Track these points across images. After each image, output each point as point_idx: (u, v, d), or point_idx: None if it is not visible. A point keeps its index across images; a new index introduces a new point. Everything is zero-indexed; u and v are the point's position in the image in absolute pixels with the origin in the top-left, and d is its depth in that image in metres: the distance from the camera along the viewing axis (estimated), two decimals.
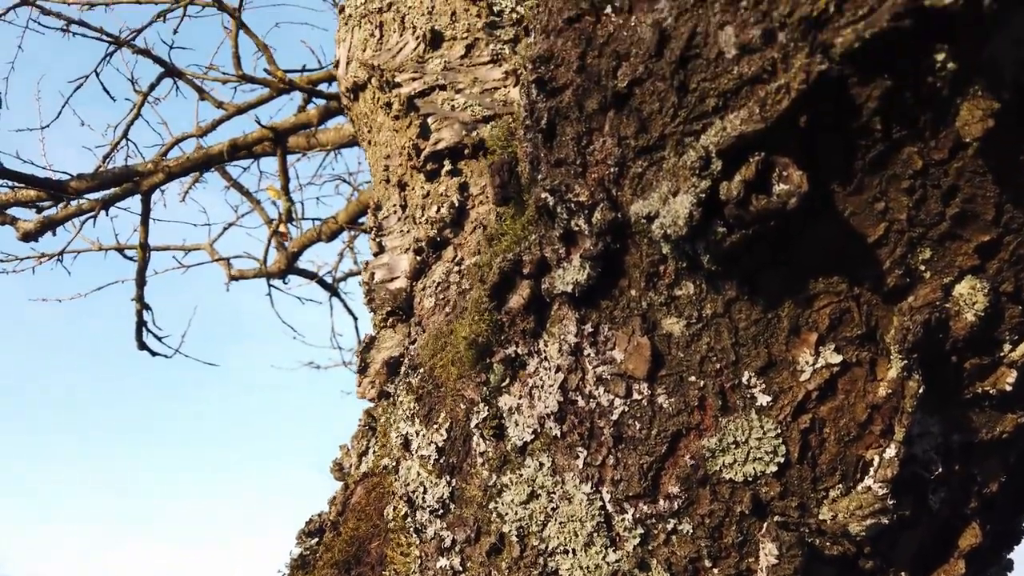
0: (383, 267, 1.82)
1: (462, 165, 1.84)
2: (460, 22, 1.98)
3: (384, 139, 1.97)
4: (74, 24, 4.08)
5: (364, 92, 2.08)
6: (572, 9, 0.72)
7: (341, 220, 4.37)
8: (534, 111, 0.78)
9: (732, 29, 0.63)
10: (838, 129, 0.62)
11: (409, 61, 1.97)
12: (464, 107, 1.89)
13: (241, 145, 3.26)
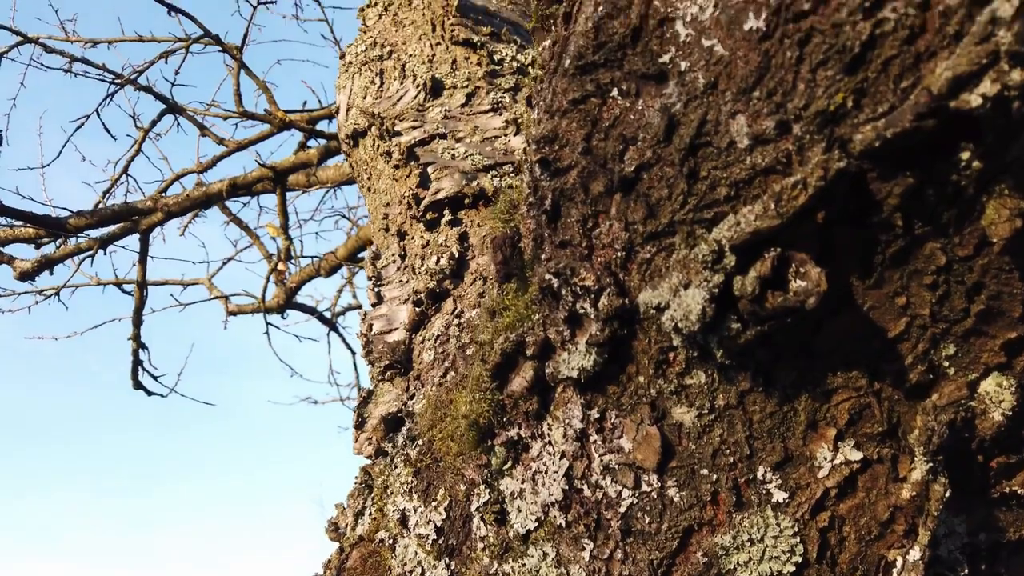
0: (381, 318, 1.79)
1: (462, 215, 1.82)
2: (461, 71, 1.97)
3: (384, 187, 1.95)
4: (77, 62, 4.09)
5: (364, 139, 2.06)
6: (577, 91, 0.70)
7: (340, 256, 4.35)
8: (538, 189, 0.75)
9: (744, 119, 0.60)
10: (857, 223, 0.59)
11: (409, 109, 1.96)
12: (464, 156, 1.87)
13: (241, 184, 3.24)
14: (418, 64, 2.03)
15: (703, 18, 0.62)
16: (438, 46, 2.06)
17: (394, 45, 2.11)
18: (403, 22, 2.13)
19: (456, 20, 2.03)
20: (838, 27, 0.54)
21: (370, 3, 2.18)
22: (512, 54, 2.04)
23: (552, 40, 0.75)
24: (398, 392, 1.69)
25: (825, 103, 0.56)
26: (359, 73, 2.14)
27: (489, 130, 1.91)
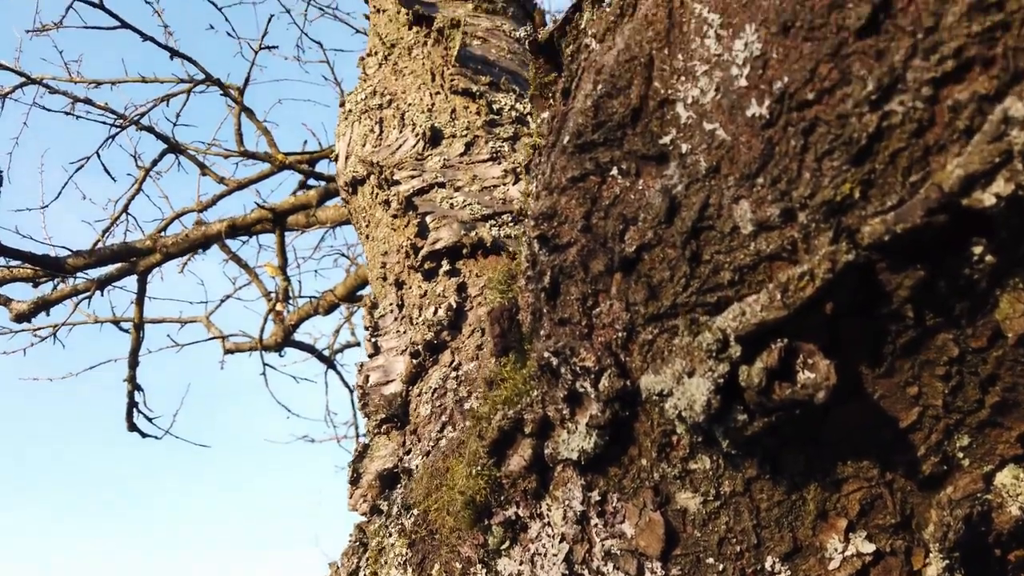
0: (378, 369, 1.76)
1: (460, 265, 1.80)
2: (460, 120, 1.97)
3: (382, 235, 1.94)
4: (80, 102, 4.11)
5: (363, 187, 2.05)
6: (576, 168, 0.68)
7: (339, 294, 4.33)
8: (536, 264, 0.73)
9: (748, 204, 0.58)
10: (866, 312, 0.57)
11: (408, 158, 1.96)
12: (463, 205, 1.86)
13: (240, 226, 3.24)
14: (417, 113, 2.04)
15: (704, 101, 0.61)
16: (437, 95, 2.07)
17: (394, 94, 2.12)
18: (403, 71, 2.13)
19: (456, 70, 2.03)
20: (844, 118, 0.52)
21: (370, 52, 2.19)
22: (511, 103, 2.05)
23: (551, 115, 0.74)
24: (394, 447, 1.66)
25: (831, 193, 0.54)
26: (359, 121, 2.14)
27: (488, 179, 1.90)
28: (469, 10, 2.17)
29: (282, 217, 3.27)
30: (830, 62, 0.53)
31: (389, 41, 2.16)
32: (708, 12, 0.61)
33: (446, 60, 2.07)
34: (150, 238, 3.72)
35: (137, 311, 3.33)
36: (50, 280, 3.94)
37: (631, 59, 0.65)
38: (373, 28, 2.23)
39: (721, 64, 0.59)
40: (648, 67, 0.64)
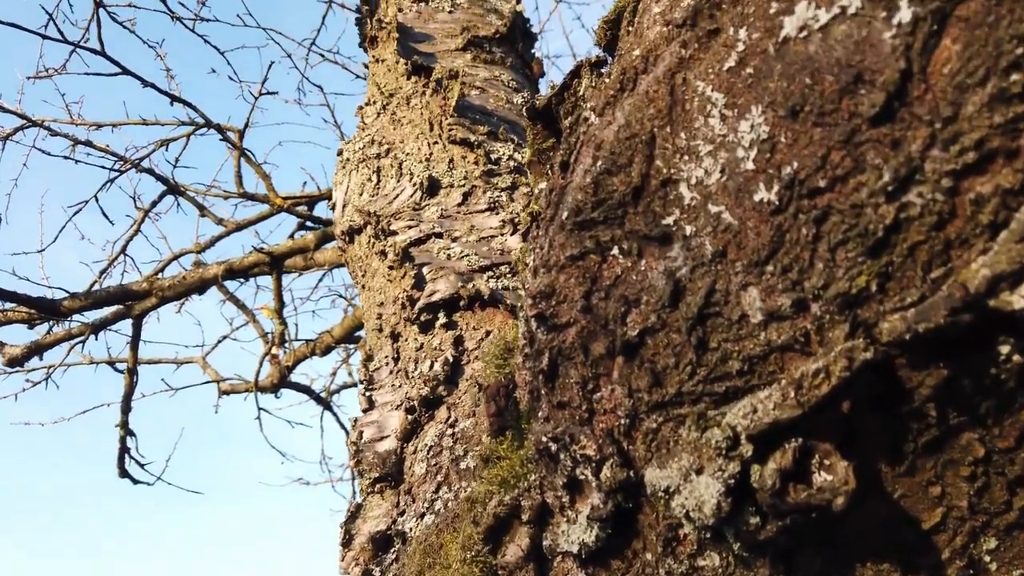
0: (372, 425, 1.71)
1: (457, 317, 1.76)
2: (457, 170, 1.95)
3: (378, 285, 1.90)
4: (80, 144, 4.12)
5: (360, 236, 2.02)
6: (575, 247, 0.65)
7: (336, 335, 4.28)
8: (534, 342, 0.70)
9: (757, 292, 0.55)
10: (885, 408, 0.54)
11: (405, 208, 1.93)
12: (460, 256, 1.83)
13: (237, 269, 3.21)
14: (415, 163, 2.02)
15: (709, 183, 0.58)
16: (435, 145, 2.05)
17: (392, 143, 2.11)
18: (401, 121, 2.12)
19: (454, 120, 2.02)
20: (858, 208, 0.49)
21: (369, 101, 2.18)
22: (509, 153, 2.03)
23: (549, 187, 0.71)
24: (388, 507, 1.61)
25: (846, 285, 0.51)
26: (356, 170, 2.12)
27: (485, 229, 1.87)
28: (468, 60, 2.17)
29: (280, 260, 3.24)
30: (842, 149, 0.50)
31: (388, 91, 2.15)
32: (712, 91, 0.59)
33: (444, 110, 2.06)
34: (147, 280, 3.68)
35: (131, 355, 3.28)
36: (46, 321, 3.90)
37: (632, 136, 0.62)
38: (372, 78, 2.23)
39: (726, 145, 0.57)
40: (650, 145, 0.61)
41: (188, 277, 3.62)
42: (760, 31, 0.56)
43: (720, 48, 0.59)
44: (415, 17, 2.20)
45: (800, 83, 0.52)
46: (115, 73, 2.77)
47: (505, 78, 2.22)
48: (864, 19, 0.49)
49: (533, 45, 2.34)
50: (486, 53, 2.19)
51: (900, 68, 0.47)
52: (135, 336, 3.25)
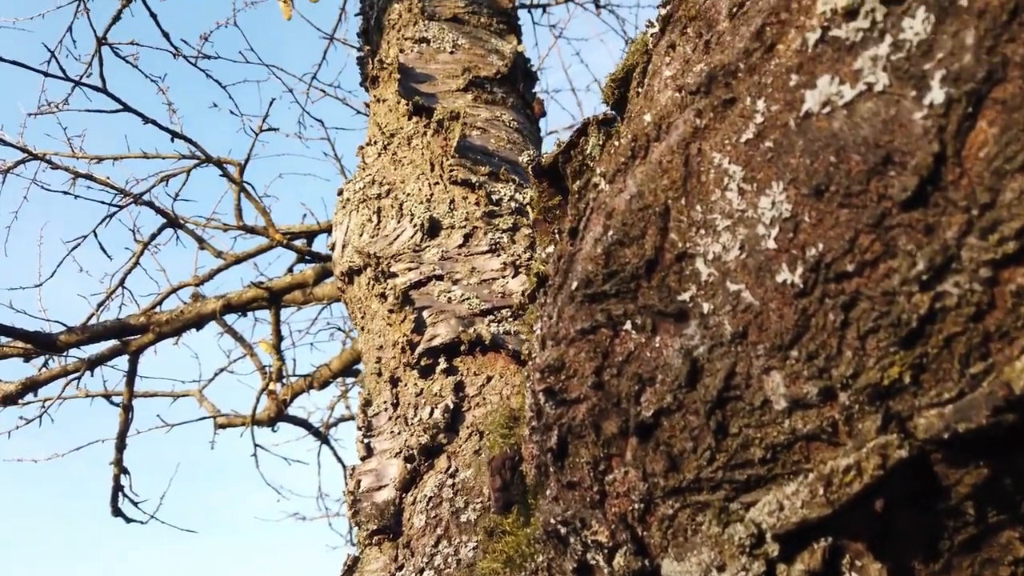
0: (370, 473, 1.66)
1: (458, 362, 1.73)
2: (458, 211, 1.93)
3: (377, 328, 1.87)
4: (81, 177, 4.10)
5: (359, 277, 1.99)
6: (586, 320, 0.62)
7: (334, 368, 4.24)
8: (542, 415, 0.66)
9: (780, 377, 0.52)
10: (920, 504, 0.50)
11: (406, 249, 1.91)
12: (461, 299, 1.80)
13: (235, 304, 3.18)
14: (416, 203, 1.99)
15: (727, 259, 0.55)
16: (436, 185, 2.03)
17: (392, 183, 2.08)
18: (402, 161, 2.10)
19: (455, 160, 2.00)
20: (890, 296, 0.46)
21: (369, 141, 2.17)
22: (510, 194, 2.01)
23: (557, 254, 0.68)
24: (386, 560, 1.55)
25: (877, 376, 0.48)
26: (356, 210, 2.10)
27: (487, 272, 1.85)
28: (469, 100, 2.16)
29: (278, 296, 3.21)
30: (871, 233, 0.47)
31: (389, 131, 2.14)
32: (729, 163, 0.56)
33: (445, 150, 2.04)
34: (144, 314, 3.65)
35: (127, 392, 3.23)
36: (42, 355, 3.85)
37: (645, 207, 0.60)
38: (373, 117, 2.21)
39: (745, 221, 0.54)
40: (663, 217, 0.59)
41: (186, 311, 3.58)
42: (780, 103, 0.54)
43: (737, 119, 0.57)
44: (416, 57, 2.19)
45: (825, 161, 0.49)
46: (117, 110, 2.76)
47: (506, 118, 2.21)
48: (892, 97, 0.46)
49: (534, 85, 2.34)
50: (487, 93, 2.19)
51: (933, 151, 0.44)
52: (131, 372, 3.20)
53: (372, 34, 2.34)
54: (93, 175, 4.11)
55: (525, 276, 1.84)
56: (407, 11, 2.28)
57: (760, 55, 0.57)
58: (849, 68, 0.49)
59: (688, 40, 0.66)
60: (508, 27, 2.32)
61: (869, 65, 0.48)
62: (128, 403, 3.11)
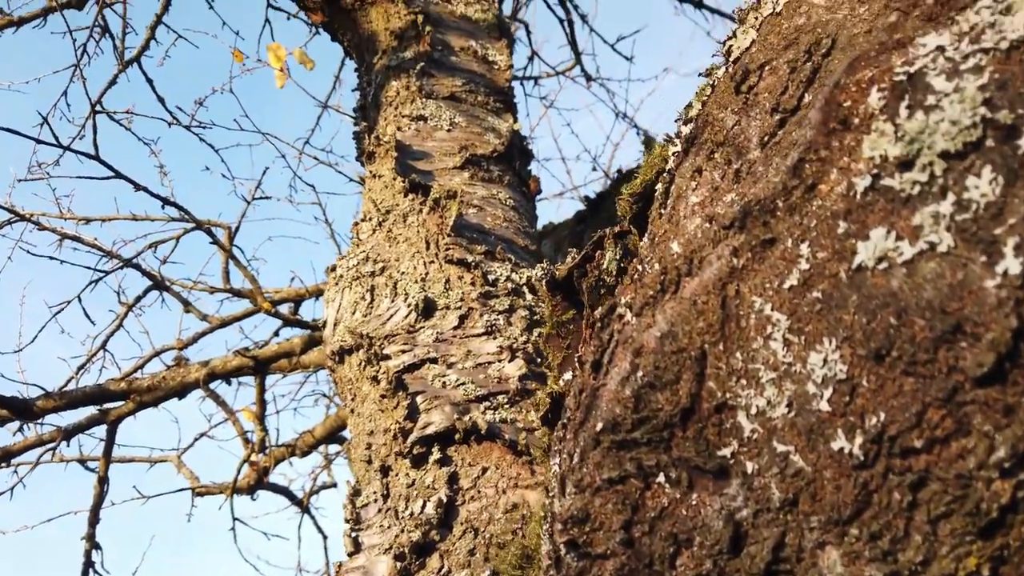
0: (358, 571, 1.56)
1: (452, 452, 1.65)
2: (454, 291, 1.88)
3: (368, 412, 1.79)
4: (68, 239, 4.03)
5: (351, 357, 1.93)
6: (614, 468, 0.56)
7: (317, 435, 4.11)
8: (561, 567, 0.60)
9: (837, 555, 0.46)
10: None
11: (400, 330, 1.85)
12: (456, 384, 1.73)
13: (219, 373, 3.09)
14: (410, 282, 1.95)
15: (773, 416, 0.50)
16: (432, 264, 1.99)
17: (387, 261, 2.04)
18: (397, 238, 2.06)
19: (451, 239, 1.96)
20: (965, 480, 0.42)
21: (364, 217, 2.13)
22: (507, 274, 1.97)
23: (579, 387, 0.63)
24: None
25: (952, 566, 0.42)
26: (349, 287, 2.04)
27: (482, 355, 1.79)
28: (465, 178, 2.14)
29: (264, 364, 3.13)
30: (942, 408, 0.42)
31: (384, 207, 2.11)
32: (772, 310, 0.52)
33: (441, 229, 2.01)
34: (125, 380, 3.53)
35: (103, 463, 3.10)
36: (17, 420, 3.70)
37: (679, 350, 0.55)
38: (368, 193, 2.18)
39: (793, 376, 0.50)
40: (700, 362, 0.54)
41: (168, 378, 3.47)
42: (827, 251, 0.50)
43: (778, 261, 0.53)
44: (414, 135, 2.18)
45: (883, 322, 0.45)
46: (108, 176, 2.72)
47: (503, 196, 2.19)
48: (959, 260, 0.43)
49: (529, 162, 2.33)
50: (484, 171, 2.17)
51: (1011, 326, 0.40)
52: (109, 442, 3.08)
53: (369, 110, 2.34)
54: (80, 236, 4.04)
55: (521, 361, 1.79)
56: (405, 89, 2.28)
57: (801, 194, 0.53)
58: (906, 223, 0.45)
59: (716, 166, 0.63)
60: (504, 105, 2.32)
61: (930, 223, 0.44)
62: (104, 475, 2.98)
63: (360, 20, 2.48)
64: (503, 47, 2.41)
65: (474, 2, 2.49)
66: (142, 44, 4.06)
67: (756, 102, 0.63)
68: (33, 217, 4.05)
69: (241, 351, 3.04)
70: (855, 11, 0.60)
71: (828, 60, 0.60)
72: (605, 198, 2.74)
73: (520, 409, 1.75)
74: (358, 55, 2.58)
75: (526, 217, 2.15)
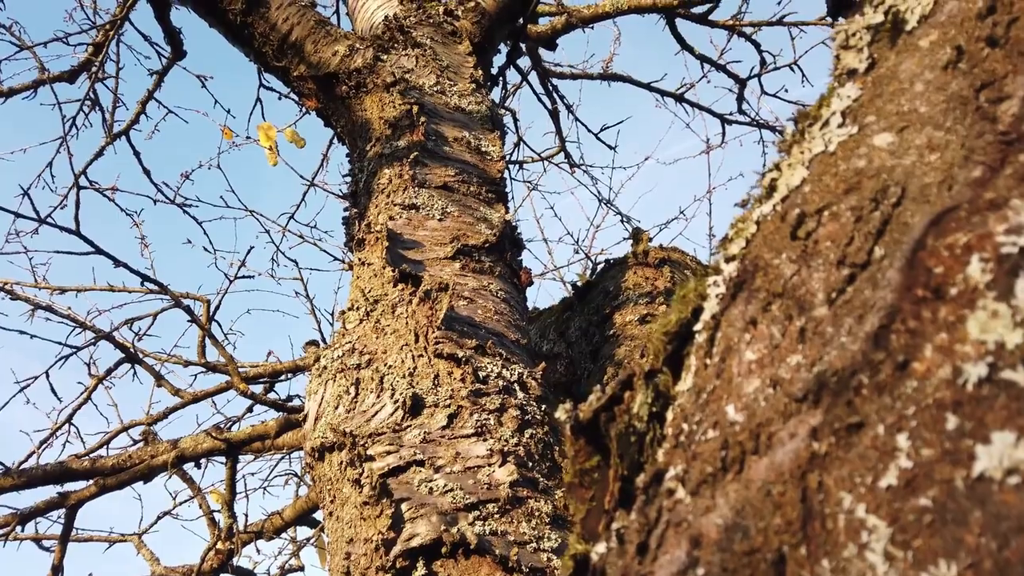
0: None
1: (438, 567, 1.51)
2: (443, 387, 1.77)
3: (348, 518, 1.65)
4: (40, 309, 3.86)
5: (331, 455, 1.79)
6: None
7: (287, 517, 3.88)
8: None
9: None
10: None
11: (385, 428, 1.72)
12: (444, 491, 1.60)
13: (189, 456, 2.90)
14: (398, 377, 1.83)
15: None
16: (420, 358, 1.88)
17: (373, 353, 1.93)
18: (385, 329, 1.96)
19: (441, 333, 1.87)
20: None
21: (351, 306, 2.03)
22: (497, 370, 1.87)
23: (621, 570, 0.53)
24: None
25: None
26: (333, 380, 1.92)
27: (472, 458, 1.66)
28: (456, 269, 2.07)
29: (237, 447, 2.95)
30: None
31: (372, 296, 2.01)
32: (865, 512, 0.43)
33: (431, 321, 1.91)
34: (88, 459, 3.31)
35: (59, 550, 2.85)
36: None
37: (751, 551, 0.46)
38: (356, 281, 2.09)
39: None
40: (777, 567, 0.45)
41: (135, 457, 3.26)
42: (934, 449, 0.42)
43: (869, 451, 0.44)
44: (405, 223, 2.11)
45: (1021, 553, 0.36)
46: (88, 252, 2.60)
47: (494, 288, 2.11)
48: None
49: (521, 252, 2.27)
50: (475, 262, 2.10)
51: None
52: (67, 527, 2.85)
53: (360, 196, 2.27)
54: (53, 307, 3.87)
55: (513, 466, 1.67)
56: (398, 177, 2.22)
57: (890, 371, 0.45)
58: None
59: (774, 320, 0.56)
60: (496, 196, 2.27)
61: None
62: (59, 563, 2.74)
63: (354, 108, 2.44)
64: (496, 139, 2.39)
65: (468, 94, 2.47)
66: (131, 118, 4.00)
67: (817, 251, 0.56)
68: (6, 286, 3.88)
69: (213, 432, 2.86)
70: (924, 158, 0.54)
71: (899, 210, 0.53)
72: (592, 287, 2.68)
73: (511, 519, 1.62)
74: (350, 141, 2.53)
75: (517, 310, 2.07)
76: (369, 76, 2.46)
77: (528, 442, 1.75)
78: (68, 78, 3.88)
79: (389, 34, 2.59)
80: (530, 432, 1.75)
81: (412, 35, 2.60)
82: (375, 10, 2.98)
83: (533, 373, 1.88)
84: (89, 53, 4.02)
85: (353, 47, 2.51)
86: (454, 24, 2.74)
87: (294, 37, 2.49)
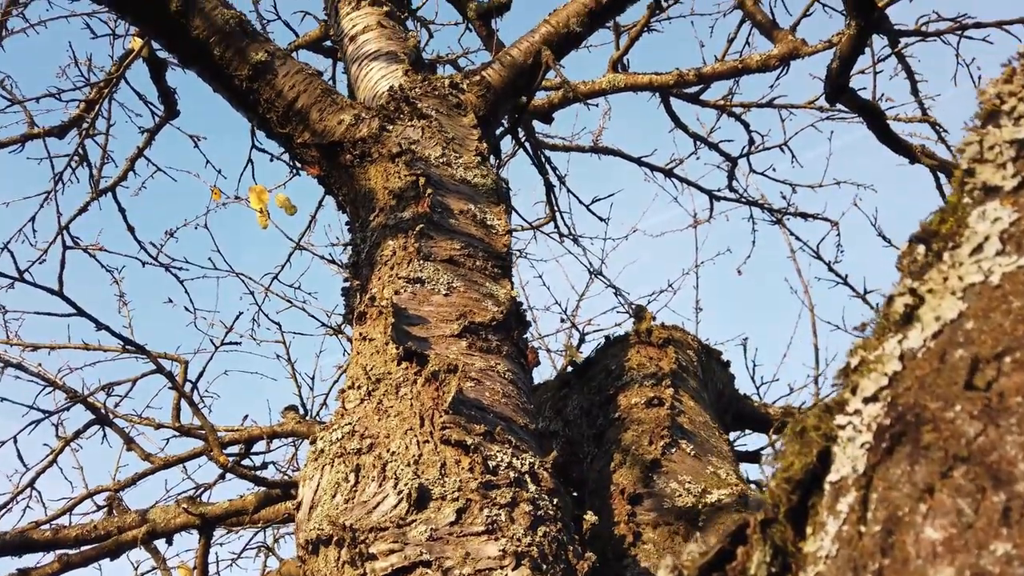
0: None
1: None
2: (450, 477, 1.61)
3: None
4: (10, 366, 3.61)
5: (327, 549, 1.60)
6: None
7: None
8: None
9: None
10: None
11: (388, 523, 1.55)
12: None
13: (161, 532, 2.66)
14: (402, 465, 1.67)
15: None
16: (426, 444, 1.72)
17: (375, 437, 1.76)
18: (388, 411, 1.80)
19: (449, 418, 1.72)
20: None
21: (352, 384, 1.88)
22: (508, 460, 1.72)
23: None
24: None
25: None
26: (331, 465, 1.75)
27: (482, 559, 1.50)
28: (463, 347, 1.94)
29: (212, 523, 2.72)
30: None
31: (374, 375, 1.86)
32: None
33: (437, 404, 1.76)
34: (51, 528, 3.03)
35: None
36: None
37: None
38: (356, 358, 1.94)
39: None
40: None
41: (100, 527, 2.99)
42: None
43: None
44: (409, 298, 1.98)
45: None
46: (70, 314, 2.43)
47: (501, 368, 1.98)
48: None
49: (527, 331, 2.15)
50: (482, 341, 1.97)
51: None
52: None
53: (362, 267, 2.15)
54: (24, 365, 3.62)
55: (528, 569, 1.51)
56: (402, 249, 2.11)
57: None
58: None
59: (959, 491, 0.45)
60: (502, 271, 2.17)
61: None
62: None
63: (358, 177, 2.35)
64: (501, 212, 2.30)
65: (474, 167, 2.40)
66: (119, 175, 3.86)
67: (1006, 408, 0.46)
68: None
69: (188, 505, 2.63)
70: None
71: None
72: (592, 364, 2.56)
73: None
74: (352, 210, 2.43)
75: (524, 392, 1.94)
76: (374, 146, 2.38)
77: (542, 541, 1.60)
78: (58, 133, 3.75)
79: (395, 104, 2.53)
80: (543, 530, 1.60)
81: (418, 106, 2.53)
82: (379, 80, 2.93)
83: (544, 463, 1.74)
84: (81, 109, 3.91)
85: (359, 116, 2.43)
86: (459, 97, 2.69)
87: (300, 105, 2.41)
